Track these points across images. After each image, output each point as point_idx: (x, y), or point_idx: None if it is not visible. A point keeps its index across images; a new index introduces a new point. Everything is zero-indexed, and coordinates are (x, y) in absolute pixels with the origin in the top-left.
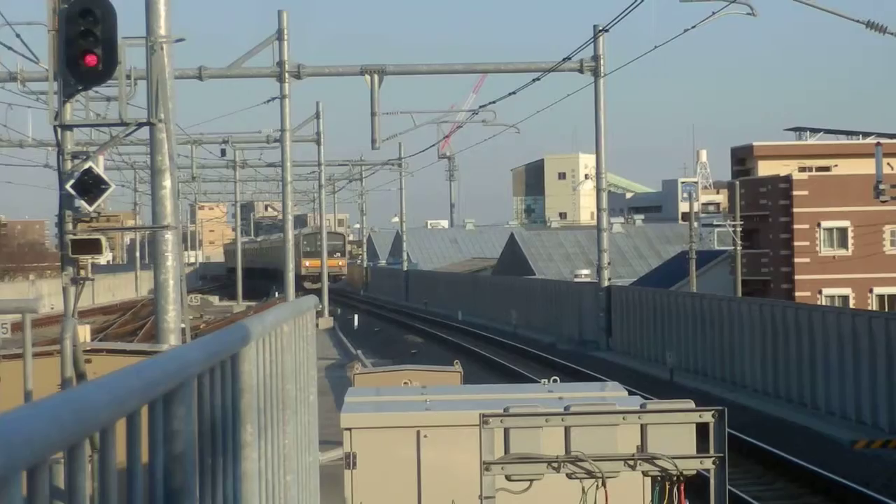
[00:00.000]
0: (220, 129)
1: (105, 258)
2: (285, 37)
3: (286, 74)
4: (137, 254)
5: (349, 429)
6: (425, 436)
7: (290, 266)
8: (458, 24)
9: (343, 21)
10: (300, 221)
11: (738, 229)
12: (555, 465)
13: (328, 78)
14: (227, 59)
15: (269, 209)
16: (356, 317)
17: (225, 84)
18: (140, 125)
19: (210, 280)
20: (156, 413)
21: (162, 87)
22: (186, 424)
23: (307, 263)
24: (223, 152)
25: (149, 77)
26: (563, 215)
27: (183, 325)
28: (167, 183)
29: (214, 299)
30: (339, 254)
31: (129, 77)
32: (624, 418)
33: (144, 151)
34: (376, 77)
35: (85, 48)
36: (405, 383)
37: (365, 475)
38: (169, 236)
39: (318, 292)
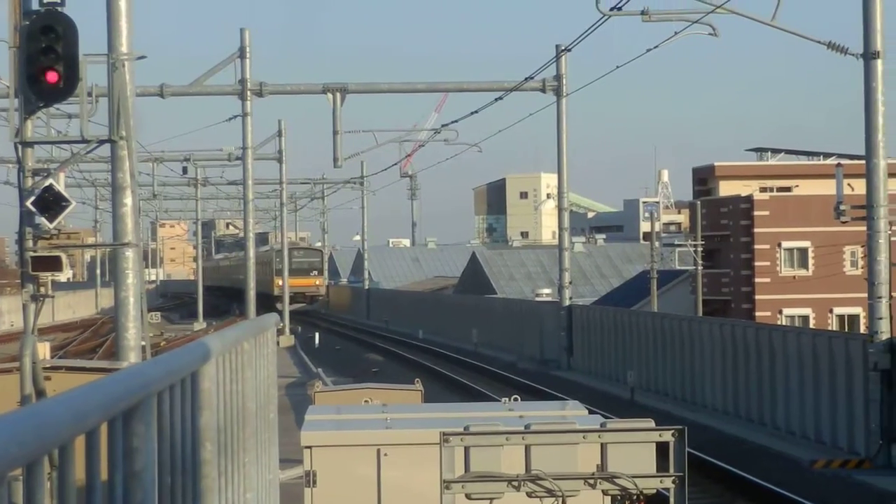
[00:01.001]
0: (182, 147)
1: (65, 275)
2: (247, 55)
3: (248, 92)
4: (98, 271)
5: (309, 447)
6: (386, 454)
7: (252, 284)
8: (421, 38)
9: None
10: (261, 239)
11: (699, 249)
12: (515, 483)
13: (290, 96)
14: (189, 77)
15: (231, 227)
16: (317, 335)
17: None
18: (101, 142)
19: (171, 297)
20: (115, 430)
21: (123, 104)
22: (146, 442)
23: (280, 283)
24: (185, 170)
25: (110, 94)
26: (524, 234)
27: (143, 343)
28: (128, 200)
29: (175, 318)
30: (316, 272)
31: (90, 94)
32: (584, 437)
33: (105, 169)
34: (338, 95)
35: (46, 65)
36: (366, 401)
37: (325, 493)
38: (129, 254)
39: (281, 310)
